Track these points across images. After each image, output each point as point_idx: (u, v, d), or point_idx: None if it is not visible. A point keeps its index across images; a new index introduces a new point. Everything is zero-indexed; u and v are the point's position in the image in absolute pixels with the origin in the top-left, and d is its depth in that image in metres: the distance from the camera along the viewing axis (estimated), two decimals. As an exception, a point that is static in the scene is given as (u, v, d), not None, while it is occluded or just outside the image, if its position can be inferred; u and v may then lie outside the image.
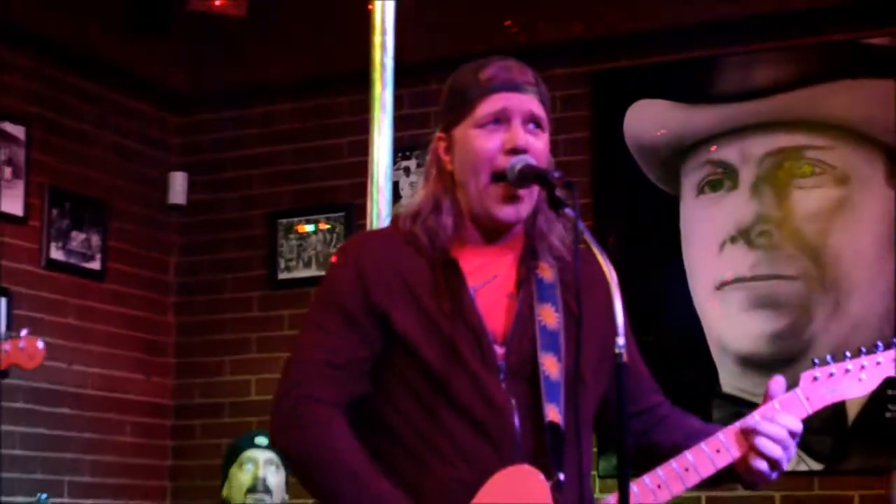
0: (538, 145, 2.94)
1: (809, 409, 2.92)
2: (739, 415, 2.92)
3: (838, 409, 4.95)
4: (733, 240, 6.33)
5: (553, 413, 2.89)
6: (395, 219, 3.16)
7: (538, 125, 2.95)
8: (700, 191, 6.44)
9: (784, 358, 6.03)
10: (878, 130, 6.15)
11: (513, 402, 2.88)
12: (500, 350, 2.92)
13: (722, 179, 6.40)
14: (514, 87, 2.98)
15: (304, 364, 3.02)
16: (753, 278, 6.29)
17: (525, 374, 2.92)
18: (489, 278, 2.99)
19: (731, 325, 6.34)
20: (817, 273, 6.21)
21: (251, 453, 5.52)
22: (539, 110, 2.98)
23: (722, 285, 6.35)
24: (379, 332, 2.96)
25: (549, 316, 2.89)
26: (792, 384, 2.92)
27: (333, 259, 3.23)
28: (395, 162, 4.05)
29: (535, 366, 2.93)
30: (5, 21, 6.25)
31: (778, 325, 6.20)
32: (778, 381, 2.94)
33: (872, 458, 4.59)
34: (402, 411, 2.97)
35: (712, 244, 6.37)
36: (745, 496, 5.61)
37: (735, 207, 6.36)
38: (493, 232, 3.02)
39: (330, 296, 3.05)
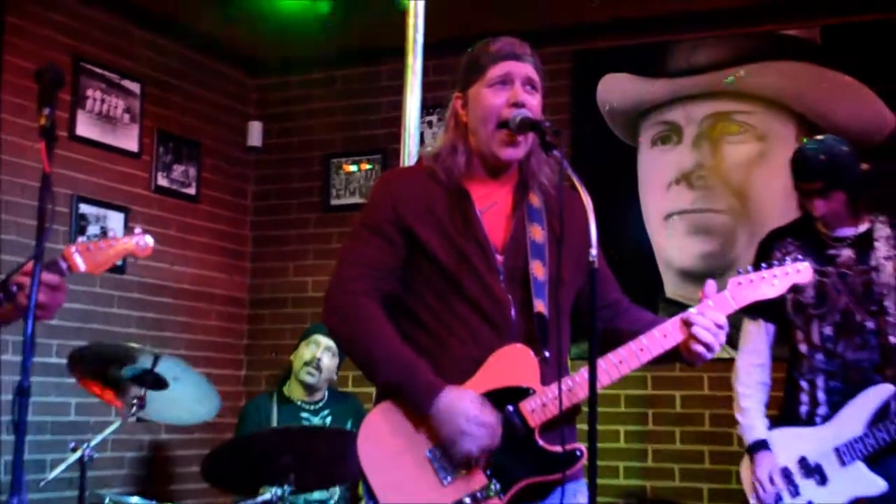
0: (533, 102, 3.05)
1: (735, 306, 3.04)
2: (680, 314, 3.01)
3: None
4: (677, 181, 6.40)
5: (540, 306, 3.02)
6: (419, 159, 3.33)
7: (533, 87, 3.08)
8: (653, 144, 6.50)
9: (714, 272, 6.09)
10: (789, 100, 6.20)
11: (510, 297, 3.01)
12: (499, 258, 3.05)
13: (670, 135, 6.46)
14: (516, 57, 3.08)
15: (350, 267, 3.12)
16: (692, 211, 6.36)
17: (518, 276, 3.03)
18: (492, 204, 3.11)
19: (674, 246, 6.41)
20: (740, 208, 6.28)
21: (317, 337, 5.61)
22: (534, 75, 3.09)
23: (668, 216, 6.42)
24: (406, 245, 3.06)
25: (537, 232, 3.02)
26: (722, 288, 3.02)
27: (373, 188, 3.33)
28: (421, 117, 4.13)
29: (526, 270, 3.04)
30: (124, 2, 6.32)
31: (709, 247, 6.29)
32: (711, 285, 3.02)
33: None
34: (426, 304, 3.07)
35: (661, 185, 6.44)
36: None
37: (679, 157, 6.43)
38: (495, 168, 3.13)
39: (370, 217, 3.14)
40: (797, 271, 3.16)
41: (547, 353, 2.95)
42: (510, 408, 2.92)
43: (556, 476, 2.92)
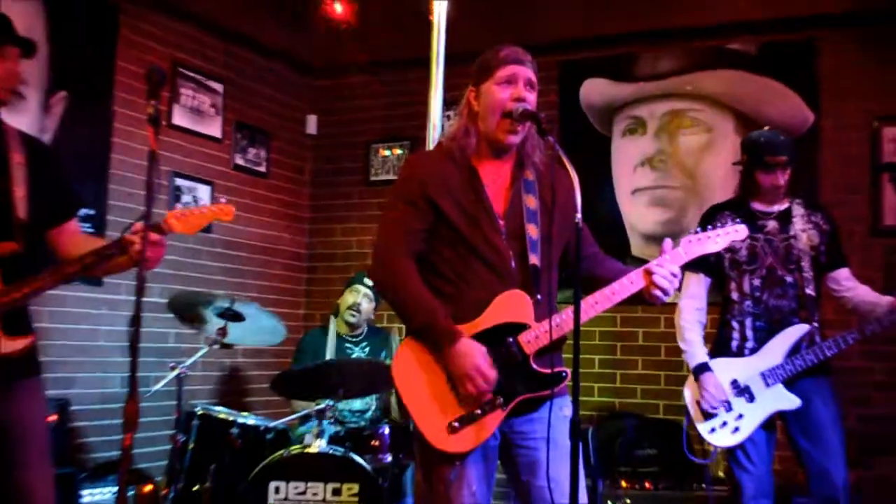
0: (531, 98, 3.12)
1: (686, 258, 3.14)
2: (640, 267, 3.07)
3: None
4: (642, 164, 6.42)
5: (534, 259, 3.09)
6: (439, 143, 3.37)
7: (532, 86, 3.13)
8: (623, 134, 6.51)
9: (670, 235, 6.14)
10: (730, 100, 6.22)
11: (510, 252, 3.08)
12: (501, 222, 3.12)
13: (636, 128, 6.47)
14: (519, 62, 3.12)
15: (390, 233, 3.16)
16: (653, 188, 6.38)
17: (516, 235, 3.11)
18: (495, 178, 3.17)
19: (638, 215, 6.43)
20: (691, 186, 6.30)
21: (358, 286, 5.67)
22: (533, 77, 3.15)
23: (634, 192, 6.44)
24: (431, 213, 3.10)
25: (531, 201, 3.10)
26: (676, 246, 3.12)
27: (404, 165, 3.34)
28: (442, 112, 4.18)
29: (523, 230, 3.11)
30: (210, 20, 6.37)
31: (666, 216, 6.33)
32: (668, 242, 3.10)
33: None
34: (445, 259, 3.14)
35: (629, 167, 6.46)
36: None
37: (644, 145, 6.45)
38: (499, 150, 3.18)
39: (403, 191, 3.18)
40: (735, 231, 3.28)
41: (539, 297, 3.04)
42: (510, 339, 3.01)
43: (546, 392, 3.01)
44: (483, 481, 3.08)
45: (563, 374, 3.04)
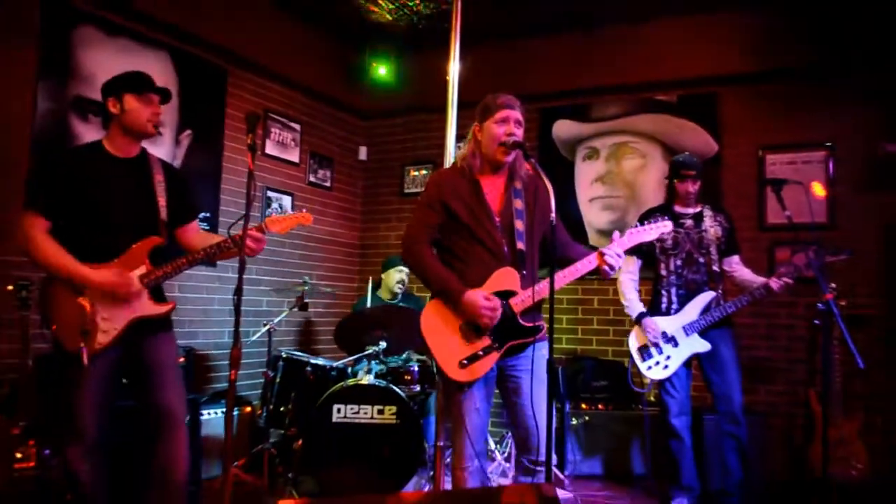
0: (519, 132, 3.14)
1: (629, 244, 3.18)
2: (590, 250, 3.05)
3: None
4: (596, 180, 6.35)
5: (520, 245, 3.13)
6: (454, 163, 3.35)
7: (519, 124, 3.16)
8: (583, 159, 6.43)
9: (616, 229, 6.13)
10: (658, 135, 6.17)
11: (503, 240, 3.11)
12: (497, 219, 3.15)
13: (593, 154, 6.39)
14: (510, 107, 3.15)
15: (415, 227, 3.21)
16: (604, 197, 6.31)
17: (508, 228, 3.15)
18: (492, 188, 3.21)
19: (594, 216, 6.35)
20: (631, 196, 6.25)
21: (399, 266, 5.67)
22: (521, 118, 3.18)
23: (591, 200, 6.37)
24: (444, 212, 3.15)
25: (519, 203, 3.14)
26: (622, 235, 3.17)
27: (428, 179, 3.33)
28: (455, 143, 4.17)
29: (513, 225, 3.14)
30: (292, 80, 6.38)
31: (614, 217, 6.25)
32: (616, 234, 3.17)
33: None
34: (458, 245, 3.20)
35: (587, 182, 6.39)
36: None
37: (598, 167, 6.38)
38: (496, 167, 3.22)
39: (426, 197, 3.23)
40: (664, 225, 3.29)
41: (524, 272, 3.09)
42: (504, 302, 3.05)
43: (530, 339, 3.07)
44: (485, 401, 3.17)
45: (541, 326, 3.10)
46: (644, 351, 4.48)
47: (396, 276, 5.67)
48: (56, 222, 3.10)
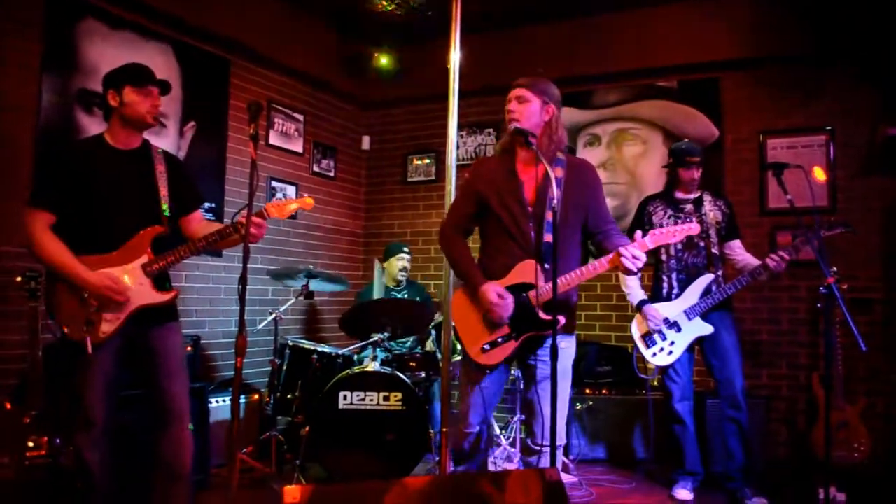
0: (520, 108, 3.08)
1: (651, 246, 3.04)
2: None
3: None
4: (598, 166, 6.25)
5: (547, 237, 3.08)
6: (497, 149, 3.29)
7: (519, 100, 3.09)
8: (585, 146, 6.41)
9: (617, 217, 6.10)
10: (659, 121, 6.14)
11: (532, 232, 3.07)
12: (530, 209, 3.12)
13: (594, 141, 6.38)
14: (514, 87, 3.14)
15: (449, 214, 3.29)
16: (606, 183, 6.25)
17: (539, 219, 3.09)
18: (531, 176, 3.17)
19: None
20: (632, 182, 6.23)
21: (401, 254, 5.66)
22: (520, 93, 3.10)
23: (593, 186, 6.39)
24: (476, 202, 3.17)
25: (554, 193, 3.03)
26: (644, 236, 3.04)
27: (470, 167, 3.31)
28: (458, 132, 4.14)
29: (543, 215, 3.07)
30: (294, 70, 6.35)
31: (615, 203, 6.21)
32: (638, 234, 3.02)
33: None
34: (488, 234, 3.22)
35: None
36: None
37: (599, 153, 6.35)
38: (514, 153, 3.19)
39: (462, 185, 3.27)
40: (690, 228, 3.16)
41: (547, 265, 3.04)
42: (524, 294, 3.08)
43: (547, 332, 3.07)
44: (495, 384, 3.23)
45: (559, 321, 3.07)
46: (647, 338, 4.46)
47: (398, 264, 5.66)
48: (60, 216, 3.10)
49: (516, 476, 1.80)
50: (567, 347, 3.16)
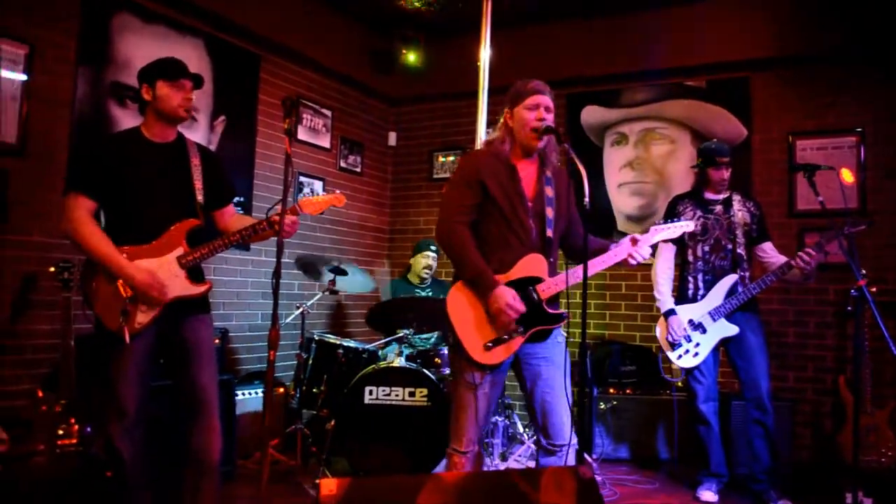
0: (550, 117, 3.10)
1: (653, 241, 3.11)
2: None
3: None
4: (625, 166, 6.31)
5: (550, 232, 3.11)
6: (485, 143, 3.29)
7: (549, 110, 3.10)
8: (612, 145, 6.39)
9: (643, 217, 6.09)
10: (687, 121, 6.11)
11: (534, 227, 3.06)
12: (530, 204, 3.11)
13: (621, 140, 6.35)
14: (541, 92, 3.11)
15: (451, 207, 3.14)
16: (632, 182, 6.27)
17: (539, 215, 3.12)
18: (528, 173, 3.16)
19: (622, 202, 6.31)
20: (660, 181, 6.20)
21: (426, 252, 5.65)
22: (550, 104, 3.13)
23: (619, 185, 6.33)
24: (481, 193, 3.09)
25: (550, 191, 3.07)
26: (645, 231, 3.15)
27: (462, 159, 3.28)
28: (486, 129, 4.15)
29: (543, 211, 3.08)
30: (323, 66, 6.38)
31: (642, 202, 6.21)
32: (636, 235, 3.10)
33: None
34: (487, 227, 3.16)
35: (616, 168, 6.35)
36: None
37: (626, 153, 6.34)
38: (528, 153, 3.19)
39: (462, 175, 3.16)
40: (685, 225, 3.26)
41: (551, 259, 3.06)
42: (531, 288, 3.04)
43: (553, 326, 3.07)
44: (496, 387, 3.16)
45: (564, 314, 3.07)
46: (676, 335, 4.46)
47: (423, 262, 5.66)
48: (100, 203, 3.14)
49: (550, 473, 1.80)
50: (563, 341, 3.18)
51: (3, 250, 3.96)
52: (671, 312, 4.47)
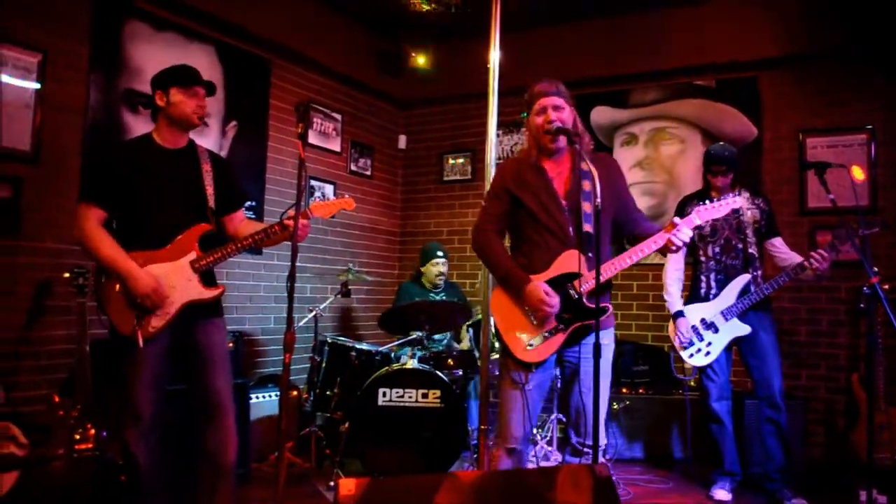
0: (561, 116, 3.11)
1: (698, 222, 3.11)
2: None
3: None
4: (635, 166, 6.32)
5: (587, 227, 3.06)
6: (520, 152, 3.35)
7: (557, 108, 3.10)
8: (622, 145, 6.39)
9: (655, 217, 6.08)
10: (697, 120, 6.10)
11: (569, 223, 3.07)
12: (564, 201, 3.11)
13: (631, 140, 6.35)
14: (545, 94, 3.13)
15: (481, 216, 3.24)
16: (643, 183, 6.27)
17: (575, 210, 3.11)
18: (557, 173, 3.20)
19: (636, 200, 6.34)
20: (670, 181, 6.20)
21: (435, 259, 5.63)
22: (558, 101, 3.13)
23: (630, 185, 6.28)
24: (510, 201, 3.16)
25: (586, 185, 3.04)
26: (688, 213, 3.13)
27: (496, 170, 3.34)
28: (497, 131, 4.14)
29: (579, 207, 3.07)
30: (333, 71, 6.39)
31: (653, 202, 6.20)
32: (676, 219, 3.10)
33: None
34: (524, 231, 3.20)
35: (626, 168, 6.26)
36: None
37: (636, 153, 6.34)
38: (549, 154, 3.19)
39: (493, 187, 3.26)
40: (735, 201, 3.23)
41: (590, 254, 3.04)
42: (569, 284, 3.07)
43: (593, 321, 3.02)
44: (541, 385, 3.20)
45: (607, 308, 3.09)
46: (683, 338, 4.45)
47: (434, 270, 5.63)
48: (111, 213, 3.16)
49: (566, 471, 1.81)
50: (609, 343, 3.18)
51: (17, 257, 3.99)
52: (679, 314, 4.46)
